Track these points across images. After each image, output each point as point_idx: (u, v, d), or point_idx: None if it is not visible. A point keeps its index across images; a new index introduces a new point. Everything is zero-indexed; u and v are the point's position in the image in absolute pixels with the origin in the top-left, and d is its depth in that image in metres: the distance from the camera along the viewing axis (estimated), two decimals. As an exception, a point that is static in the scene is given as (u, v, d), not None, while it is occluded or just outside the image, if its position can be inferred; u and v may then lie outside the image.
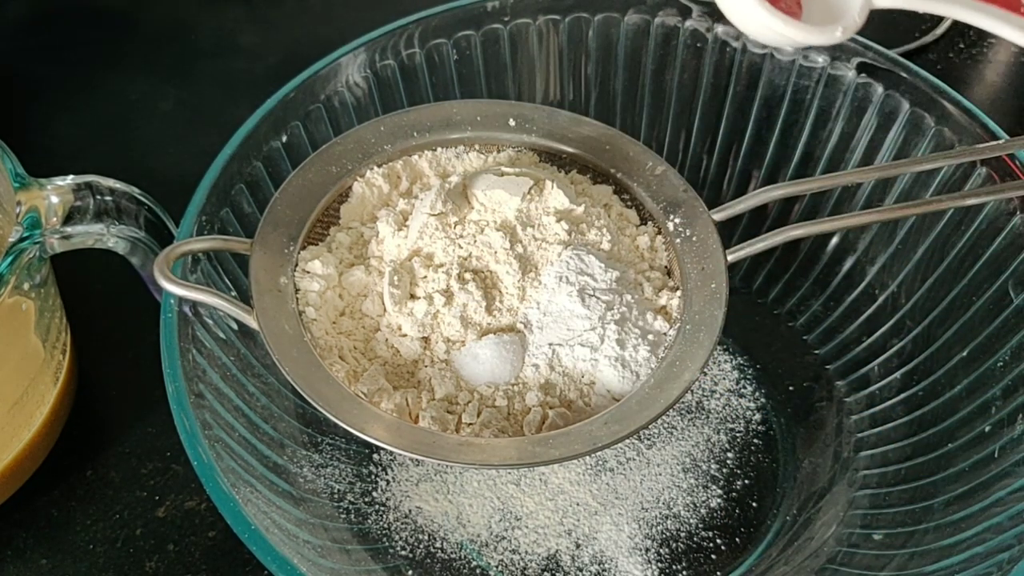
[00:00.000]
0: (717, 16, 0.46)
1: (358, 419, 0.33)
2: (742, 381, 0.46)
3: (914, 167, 0.41)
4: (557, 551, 0.40)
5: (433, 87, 0.46)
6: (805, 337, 0.47)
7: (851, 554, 0.37)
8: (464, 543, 0.40)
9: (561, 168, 0.41)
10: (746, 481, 0.43)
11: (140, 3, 0.68)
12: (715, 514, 0.42)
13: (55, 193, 0.38)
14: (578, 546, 0.40)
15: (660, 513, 0.41)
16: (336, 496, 0.41)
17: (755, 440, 0.44)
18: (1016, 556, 0.31)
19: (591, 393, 0.35)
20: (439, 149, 0.41)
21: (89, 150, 0.59)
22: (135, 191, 0.40)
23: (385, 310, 0.36)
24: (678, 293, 0.37)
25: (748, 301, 0.49)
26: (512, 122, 0.41)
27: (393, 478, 0.42)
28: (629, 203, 0.40)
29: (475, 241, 0.37)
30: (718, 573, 0.40)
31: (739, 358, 0.47)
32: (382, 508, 0.41)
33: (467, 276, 0.36)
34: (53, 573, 0.41)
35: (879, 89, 0.43)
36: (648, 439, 0.43)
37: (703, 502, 0.42)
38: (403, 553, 0.40)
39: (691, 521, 0.41)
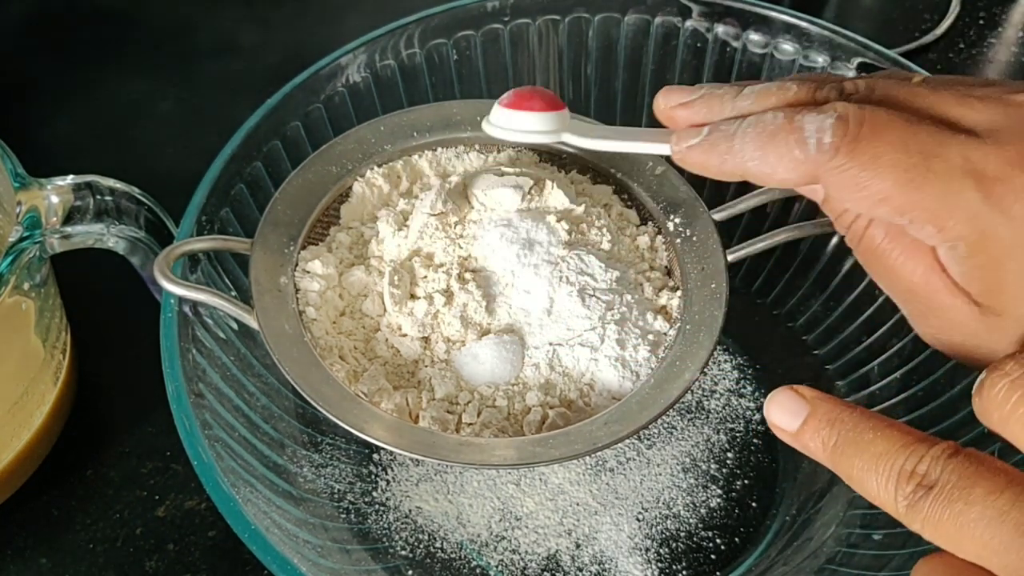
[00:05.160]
0: (717, 16, 0.46)
1: (358, 419, 0.33)
2: (742, 381, 0.46)
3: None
4: (557, 551, 0.40)
5: (433, 87, 0.46)
6: (805, 337, 0.47)
7: (851, 554, 0.37)
8: (464, 543, 0.40)
9: (561, 168, 0.41)
10: (746, 481, 0.43)
11: (140, 3, 0.68)
12: (715, 514, 0.42)
13: (55, 193, 0.38)
14: (578, 546, 0.40)
15: (660, 513, 0.41)
16: (336, 496, 0.41)
17: (755, 440, 0.44)
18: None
19: (591, 393, 0.35)
20: (439, 149, 0.41)
21: (89, 150, 0.59)
22: (135, 191, 0.40)
23: (385, 310, 0.36)
24: (678, 293, 0.37)
25: (748, 301, 0.49)
26: (512, 122, 0.41)
27: (393, 478, 0.42)
28: (629, 203, 0.40)
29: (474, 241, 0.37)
30: (718, 573, 0.40)
31: (739, 358, 0.47)
32: (382, 508, 0.41)
33: (467, 276, 0.36)
34: (53, 573, 0.41)
35: (879, 89, 0.43)
36: (648, 439, 0.43)
37: (703, 502, 0.42)
38: (403, 553, 0.40)
39: (691, 521, 0.41)
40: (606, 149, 0.33)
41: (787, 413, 0.27)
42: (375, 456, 0.43)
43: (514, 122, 0.33)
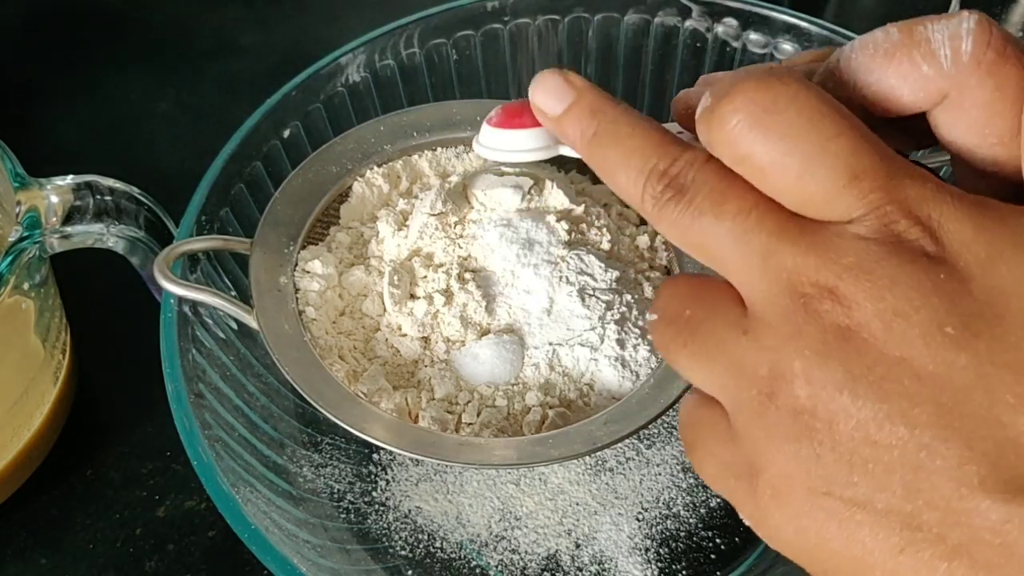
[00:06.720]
0: (717, 16, 0.46)
1: (358, 419, 0.33)
2: (742, 381, 0.46)
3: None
4: (557, 551, 0.40)
5: (433, 87, 0.47)
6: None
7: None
8: (464, 543, 0.40)
9: (561, 168, 0.41)
10: (746, 481, 0.43)
11: (140, 3, 0.68)
12: (715, 514, 0.42)
13: (55, 193, 0.38)
14: (578, 546, 0.40)
15: (660, 513, 0.41)
16: (336, 496, 0.41)
17: (755, 440, 0.44)
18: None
19: (591, 393, 0.35)
20: (439, 149, 0.41)
21: (89, 150, 0.59)
22: (135, 191, 0.40)
23: (385, 310, 0.36)
24: (678, 293, 0.37)
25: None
26: (512, 122, 0.41)
27: (393, 478, 0.42)
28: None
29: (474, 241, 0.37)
30: (718, 573, 0.40)
31: (739, 358, 0.47)
32: (382, 508, 0.41)
33: (467, 276, 0.36)
34: (53, 573, 0.41)
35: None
36: (648, 439, 0.43)
37: (703, 502, 0.42)
38: (403, 553, 0.40)
39: (691, 521, 0.41)
40: None
41: (552, 97, 0.27)
42: (375, 456, 0.43)
43: (505, 142, 0.31)
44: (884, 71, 0.24)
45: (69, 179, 0.39)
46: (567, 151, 0.31)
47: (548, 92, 0.27)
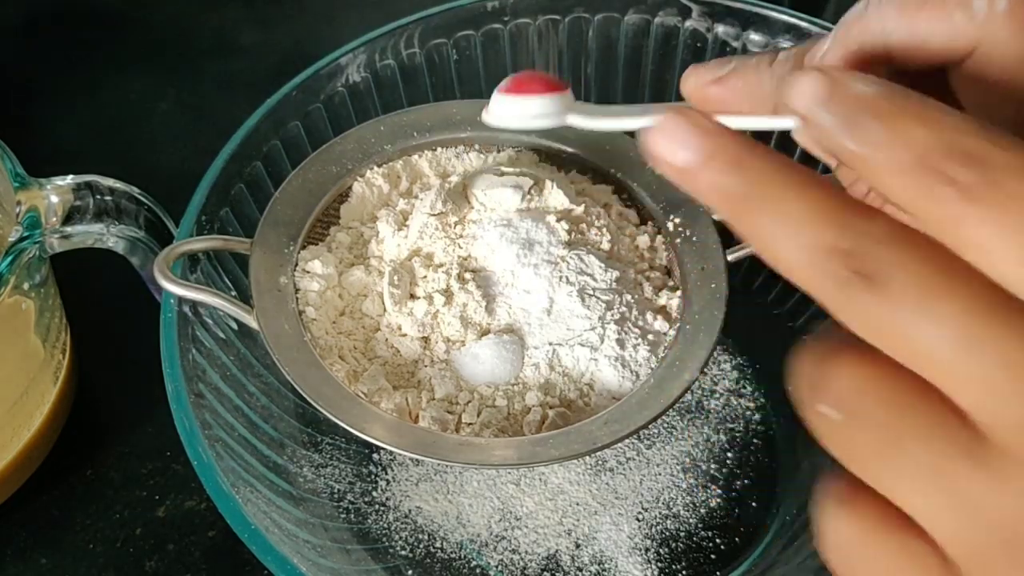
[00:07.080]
0: (717, 16, 0.46)
1: (358, 419, 0.33)
2: (742, 381, 0.46)
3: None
4: (557, 551, 0.40)
5: (433, 87, 0.46)
6: (805, 337, 0.47)
7: (851, 554, 0.37)
8: (464, 543, 0.40)
9: (561, 168, 0.41)
10: (746, 481, 0.43)
11: (140, 3, 0.68)
12: (715, 514, 0.41)
13: (55, 193, 0.38)
14: (578, 546, 0.40)
15: (660, 513, 0.41)
16: (336, 496, 0.41)
17: (755, 440, 0.44)
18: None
19: (591, 393, 0.35)
20: (439, 149, 0.41)
21: (89, 150, 0.59)
22: (135, 191, 0.40)
23: (385, 310, 0.36)
24: (678, 293, 0.37)
25: (748, 301, 0.49)
26: (512, 122, 0.41)
27: (393, 478, 0.42)
28: (629, 203, 0.40)
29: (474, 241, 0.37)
30: (718, 573, 0.40)
31: (739, 358, 0.47)
32: (382, 508, 0.41)
33: (467, 276, 0.36)
34: (53, 573, 0.41)
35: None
36: (648, 439, 0.43)
37: (703, 502, 0.42)
38: (403, 553, 0.40)
39: (691, 521, 0.41)
40: (620, 128, 0.28)
41: (682, 147, 0.21)
42: (375, 456, 0.43)
43: (515, 109, 0.30)
44: (914, 17, 0.22)
45: (69, 179, 0.39)
46: (574, 120, 0.29)
47: (673, 140, 0.21)
